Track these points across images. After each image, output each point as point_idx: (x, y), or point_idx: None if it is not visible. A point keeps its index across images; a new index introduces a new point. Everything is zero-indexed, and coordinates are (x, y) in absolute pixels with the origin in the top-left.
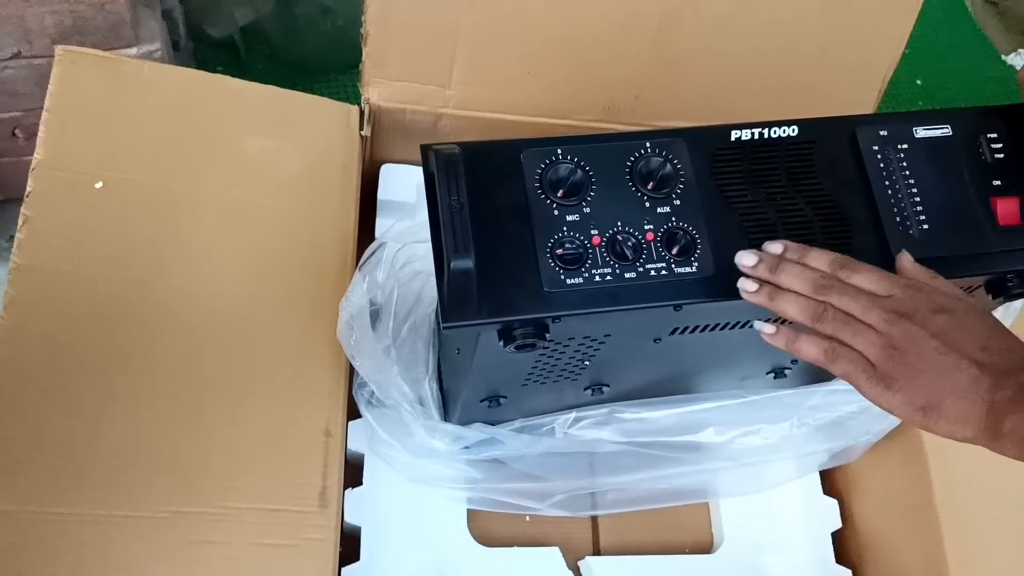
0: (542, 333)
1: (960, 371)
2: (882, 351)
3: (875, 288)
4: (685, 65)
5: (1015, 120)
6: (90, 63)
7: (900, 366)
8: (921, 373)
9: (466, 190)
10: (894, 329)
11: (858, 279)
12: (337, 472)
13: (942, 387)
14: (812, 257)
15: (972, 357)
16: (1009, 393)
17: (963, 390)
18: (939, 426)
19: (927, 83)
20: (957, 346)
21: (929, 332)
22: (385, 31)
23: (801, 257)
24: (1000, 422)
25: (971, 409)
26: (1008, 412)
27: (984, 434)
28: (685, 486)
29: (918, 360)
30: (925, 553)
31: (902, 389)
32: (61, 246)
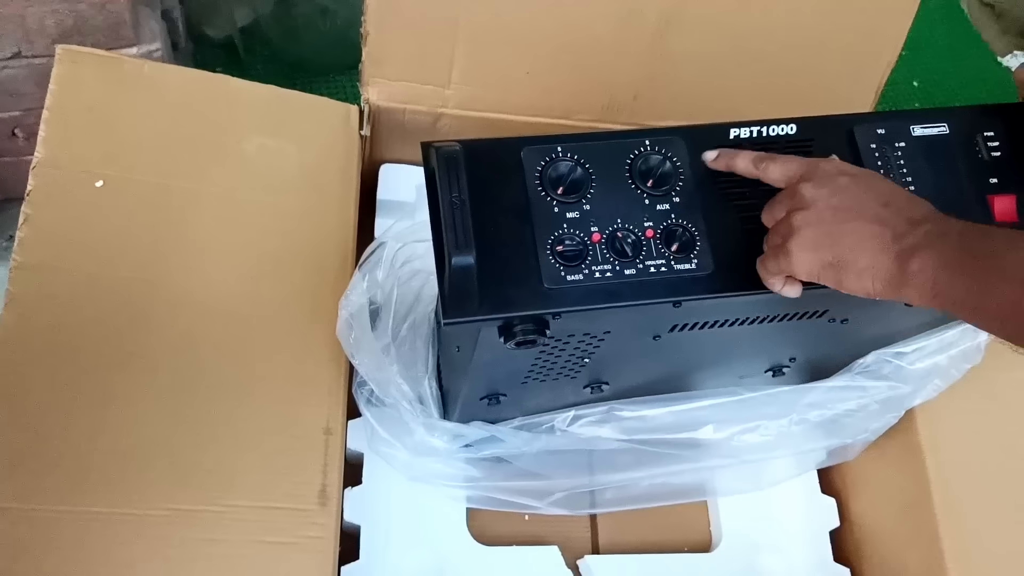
0: (542, 330)
1: (865, 226)
2: (788, 218)
3: (787, 163)
4: (684, 65)
5: (1012, 119)
6: (91, 62)
7: (806, 226)
8: (825, 229)
9: (467, 187)
10: (798, 194)
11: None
12: (337, 470)
13: (848, 241)
14: (740, 158)
15: (874, 212)
16: (913, 241)
17: (866, 242)
18: (849, 279)
19: (924, 84)
20: (858, 203)
21: (830, 190)
22: (384, 31)
23: (730, 159)
24: (906, 265)
25: (877, 258)
26: (913, 255)
27: (891, 283)
28: (684, 484)
29: (821, 216)
30: (923, 550)
31: (809, 247)
32: (61, 244)
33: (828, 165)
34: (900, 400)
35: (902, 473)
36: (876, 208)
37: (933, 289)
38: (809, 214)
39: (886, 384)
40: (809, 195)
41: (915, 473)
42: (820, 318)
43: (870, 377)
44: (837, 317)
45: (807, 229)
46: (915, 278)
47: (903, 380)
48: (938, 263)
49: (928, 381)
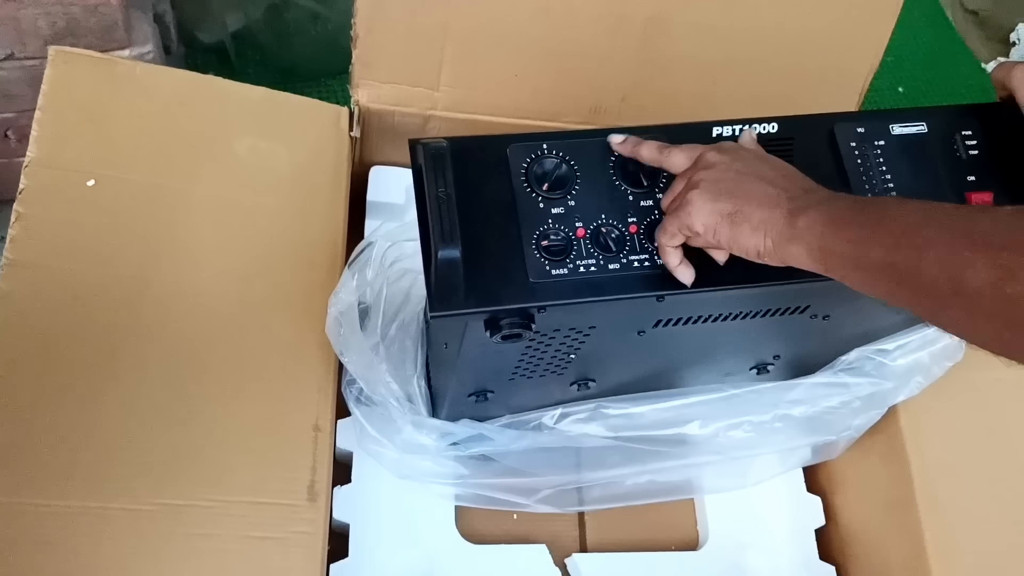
0: (528, 323)
1: (763, 186)
2: (690, 180)
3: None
4: (670, 68)
5: (989, 118)
6: (83, 63)
7: (706, 182)
8: (724, 185)
9: (453, 183)
10: (700, 159)
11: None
12: (326, 467)
13: (747, 196)
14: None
15: (773, 179)
16: (806, 201)
17: (761, 199)
18: (743, 234)
19: (909, 91)
20: (760, 171)
21: (732, 158)
22: (374, 33)
23: (635, 146)
24: (795, 222)
25: (771, 214)
26: (803, 212)
27: (780, 238)
28: (671, 481)
29: (722, 175)
30: (906, 548)
31: (708, 199)
32: (53, 243)
33: (729, 143)
34: (883, 397)
35: (886, 471)
36: (774, 175)
37: (819, 244)
38: (711, 172)
39: (868, 381)
40: (712, 158)
41: (899, 471)
42: (802, 314)
43: (853, 374)
44: (819, 313)
45: (708, 183)
46: (803, 235)
47: (885, 377)
48: (825, 219)
49: (910, 378)
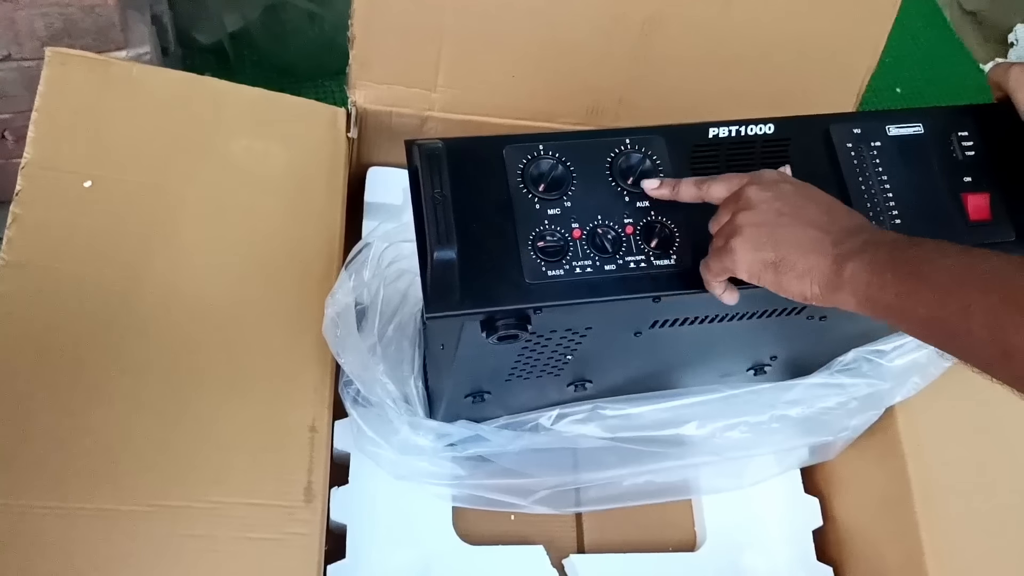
0: (524, 324)
1: (806, 230)
2: (731, 220)
3: (731, 184)
4: (667, 69)
5: (985, 119)
6: (79, 64)
7: (748, 226)
8: (766, 230)
9: (449, 183)
10: (742, 198)
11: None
12: (322, 468)
13: (790, 244)
14: (683, 185)
15: (816, 220)
16: (851, 246)
17: (809, 246)
18: (788, 280)
19: (907, 91)
20: (802, 211)
21: (774, 195)
22: (371, 34)
23: (673, 188)
24: (842, 270)
25: (816, 261)
26: (848, 260)
27: (827, 286)
28: (668, 482)
29: (764, 218)
30: (903, 548)
31: (750, 248)
32: (50, 243)
33: (771, 174)
34: (880, 397)
35: (883, 472)
36: (817, 214)
37: (866, 294)
38: (753, 215)
39: (865, 382)
40: (753, 197)
41: (895, 472)
42: (799, 315)
43: (850, 375)
44: (815, 314)
45: (750, 228)
46: (849, 283)
47: (882, 377)
48: (870, 268)
49: (907, 378)
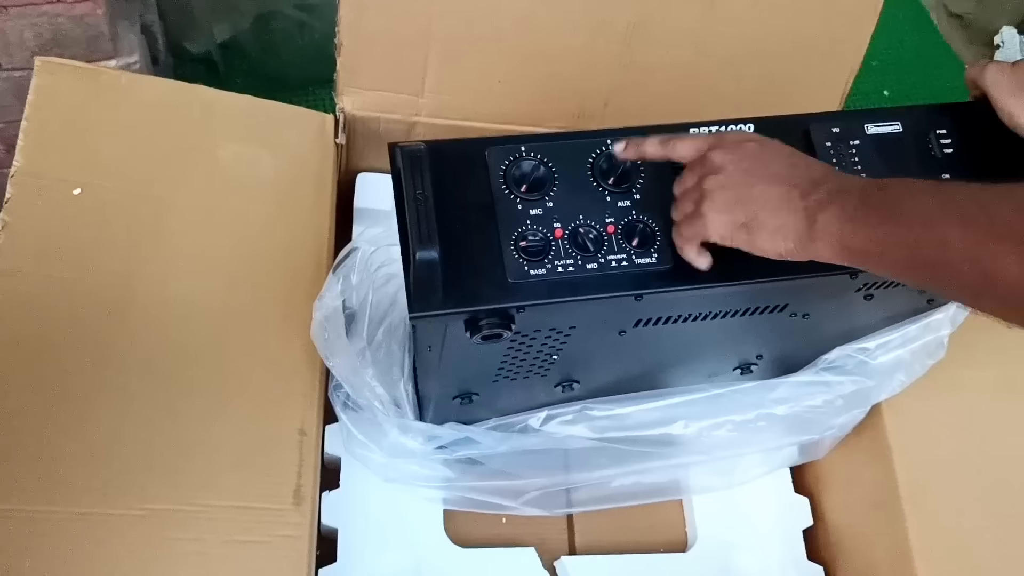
0: (508, 324)
1: (773, 187)
2: (700, 185)
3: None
4: (652, 73)
5: (963, 117)
6: (68, 73)
7: (716, 190)
8: (735, 192)
9: (432, 185)
10: (708, 162)
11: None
12: (312, 471)
13: (759, 203)
14: (648, 144)
15: (780, 173)
16: (819, 197)
17: (775, 202)
18: (761, 239)
19: (894, 94)
20: (766, 166)
21: (739, 156)
22: (358, 41)
23: (638, 147)
24: (813, 223)
25: (787, 218)
26: (819, 212)
27: (801, 240)
28: (657, 482)
29: (731, 180)
30: (891, 546)
31: (721, 210)
32: (40, 251)
33: (734, 134)
34: (865, 395)
35: (871, 470)
36: (783, 169)
37: (840, 243)
38: (720, 178)
39: (851, 379)
40: (719, 160)
41: (883, 470)
42: (781, 312)
43: (835, 372)
44: (798, 312)
45: (719, 192)
46: (822, 234)
47: (867, 375)
48: (842, 216)
49: (892, 376)
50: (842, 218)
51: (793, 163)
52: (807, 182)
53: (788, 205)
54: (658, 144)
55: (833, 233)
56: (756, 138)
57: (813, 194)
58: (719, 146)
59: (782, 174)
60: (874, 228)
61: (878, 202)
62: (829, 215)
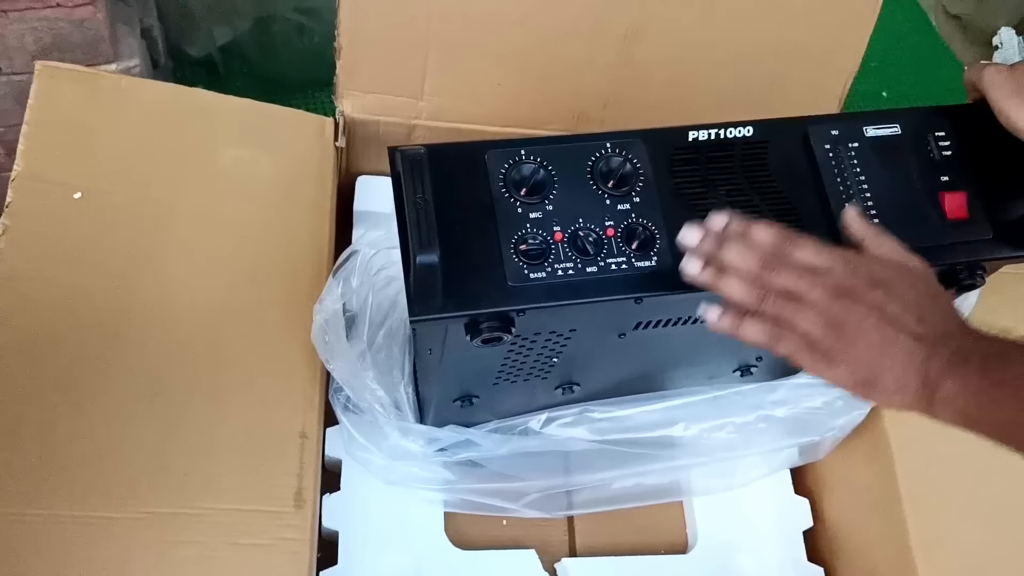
0: (508, 327)
1: (896, 344)
2: (823, 328)
3: (816, 262)
4: (651, 75)
5: (962, 119)
6: (69, 77)
7: (840, 342)
8: (860, 348)
9: (431, 188)
10: (834, 306)
11: (800, 254)
12: (313, 474)
13: (880, 361)
14: (756, 230)
15: (908, 329)
16: (941, 363)
17: (899, 363)
18: (880, 398)
19: (893, 95)
20: (894, 319)
21: (867, 306)
22: (357, 44)
23: (745, 230)
24: (934, 391)
25: (908, 380)
26: (940, 380)
27: (921, 403)
28: (658, 484)
29: (857, 335)
30: (892, 547)
31: (843, 364)
32: (40, 255)
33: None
34: None
35: (871, 471)
36: (911, 325)
37: (963, 416)
38: (845, 332)
39: None
40: (847, 311)
41: (883, 471)
42: None
43: None
44: None
45: (842, 345)
46: (942, 403)
47: None
48: (963, 391)
49: None
50: (965, 392)
51: (922, 314)
52: (932, 340)
53: (911, 368)
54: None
55: (957, 407)
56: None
57: (937, 356)
58: (847, 289)
59: (911, 331)
60: (998, 407)
61: (1000, 378)
62: (951, 386)
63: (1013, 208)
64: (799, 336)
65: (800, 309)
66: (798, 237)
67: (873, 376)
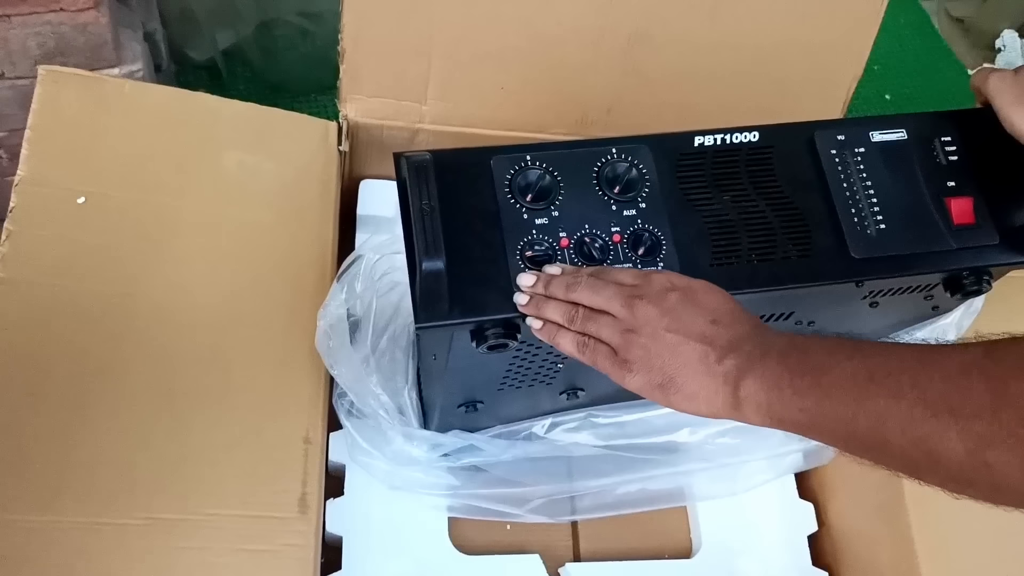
0: (513, 333)
1: (689, 346)
2: (621, 336)
3: (620, 279)
4: (655, 80)
5: (968, 124)
6: (72, 82)
7: (636, 348)
8: (655, 353)
9: (437, 195)
10: (629, 313)
11: (606, 275)
12: (317, 479)
13: (674, 364)
14: (580, 272)
15: (700, 331)
16: (739, 360)
17: (693, 365)
18: (680, 402)
19: (896, 98)
20: (686, 322)
21: (660, 311)
22: (361, 48)
23: (571, 273)
24: (736, 390)
25: (705, 382)
26: (739, 380)
27: (727, 406)
28: (662, 489)
29: (651, 340)
30: (896, 551)
31: (641, 370)
32: (44, 260)
33: (659, 280)
34: None
35: (876, 475)
36: (703, 327)
37: (768, 411)
38: (640, 337)
39: None
40: (641, 315)
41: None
42: (787, 320)
43: None
44: (804, 319)
45: (638, 350)
46: (747, 403)
47: None
48: (765, 385)
49: None
50: (766, 386)
51: (715, 318)
52: (726, 343)
53: (704, 369)
54: (564, 287)
55: (761, 402)
56: (681, 285)
57: (730, 357)
58: (642, 295)
59: (702, 333)
60: (802, 398)
61: (801, 368)
62: (752, 382)
63: (1020, 214)
64: (603, 346)
65: (602, 321)
66: (614, 268)
67: (668, 380)
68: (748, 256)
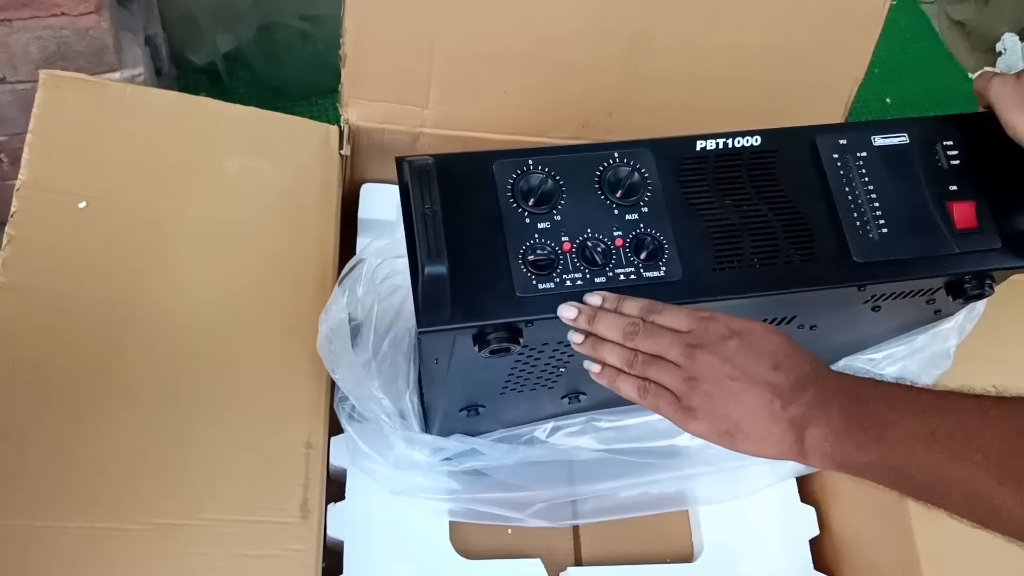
0: (515, 337)
1: (752, 394)
2: (683, 383)
3: (676, 325)
4: (656, 84)
5: (970, 128)
6: (73, 86)
7: (700, 395)
8: (718, 400)
9: (439, 199)
10: (691, 361)
11: (662, 319)
12: (318, 484)
13: (738, 411)
14: (625, 305)
15: (763, 378)
16: (800, 410)
17: (758, 411)
18: (747, 447)
19: (896, 101)
20: (748, 369)
21: (721, 358)
22: (362, 52)
23: (616, 306)
24: (802, 439)
25: (770, 428)
26: (804, 428)
27: (793, 451)
28: (664, 493)
29: (714, 388)
30: (898, 555)
31: (705, 417)
32: (45, 264)
33: (717, 328)
34: None
35: None
36: (765, 373)
37: (832, 459)
38: (703, 384)
39: None
40: (702, 364)
41: None
42: (789, 324)
43: None
44: (806, 323)
45: (701, 397)
46: (812, 451)
47: None
48: (830, 436)
49: None
50: (831, 437)
51: (777, 363)
52: (789, 388)
53: (770, 415)
54: (619, 332)
55: (827, 453)
56: (738, 329)
57: (795, 404)
58: (701, 344)
59: (766, 380)
60: (865, 452)
61: (863, 422)
62: (816, 431)
63: (1022, 218)
64: (665, 391)
65: (662, 368)
66: (661, 305)
67: (735, 427)
68: (750, 260)
